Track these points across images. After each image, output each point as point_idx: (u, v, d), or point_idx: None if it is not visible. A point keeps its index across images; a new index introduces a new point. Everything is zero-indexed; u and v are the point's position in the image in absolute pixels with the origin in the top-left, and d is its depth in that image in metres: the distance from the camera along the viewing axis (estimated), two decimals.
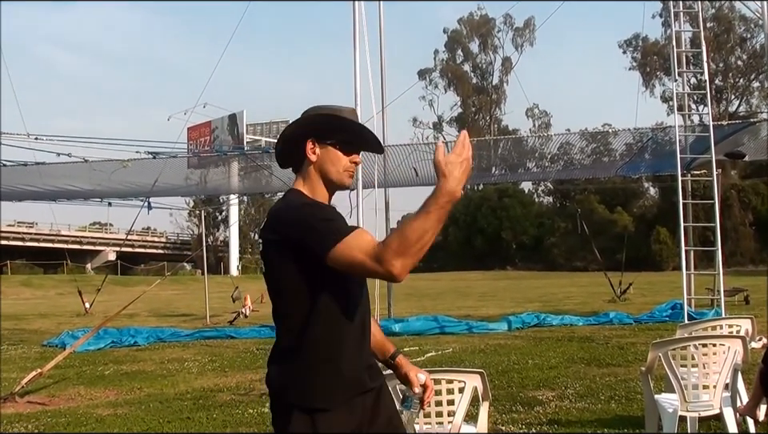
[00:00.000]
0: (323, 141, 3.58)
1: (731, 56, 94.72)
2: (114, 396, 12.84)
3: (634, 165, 27.88)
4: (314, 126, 3.61)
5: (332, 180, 3.60)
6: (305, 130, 3.62)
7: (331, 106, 3.69)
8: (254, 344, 19.60)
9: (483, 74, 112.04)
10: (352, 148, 3.62)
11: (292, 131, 3.67)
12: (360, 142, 3.68)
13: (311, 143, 3.59)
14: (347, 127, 3.60)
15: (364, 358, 3.57)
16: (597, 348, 16.29)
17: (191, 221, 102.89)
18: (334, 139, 3.58)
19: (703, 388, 7.00)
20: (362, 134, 3.68)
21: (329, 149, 3.58)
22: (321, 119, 3.61)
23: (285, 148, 3.72)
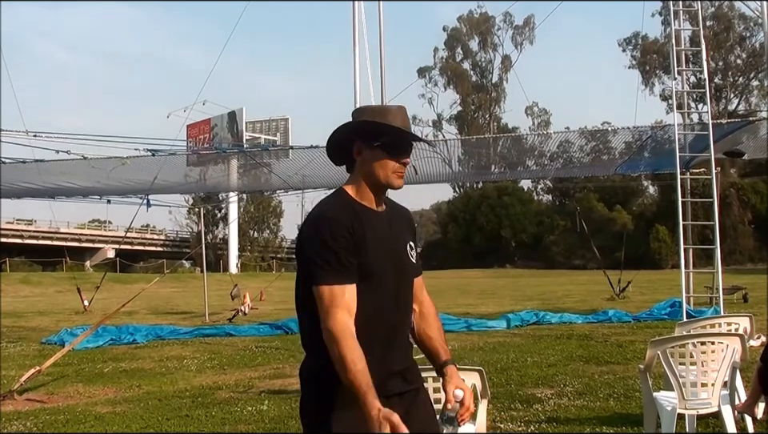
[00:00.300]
0: (369, 144, 3.61)
1: (731, 54, 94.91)
2: (112, 394, 12.84)
3: (633, 163, 27.85)
4: (361, 132, 3.65)
5: (379, 182, 3.63)
6: (351, 136, 3.67)
7: (379, 107, 3.84)
8: (253, 342, 19.63)
9: (483, 72, 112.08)
10: (399, 150, 3.63)
11: (339, 136, 3.72)
12: (405, 144, 3.68)
13: (358, 146, 3.64)
14: (392, 131, 3.61)
15: (387, 363, 3.56)
16: (596, 346, 16.31)
17: (190, 219, 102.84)
18: (379, 142, 3.60)
19: (701, 386, 7.01)
20: (405, 138, 3.68)
21: (375, 151, 3.61)
22: (366, 124, 3.64)
23: (335, 151, 3.80)
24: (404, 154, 3.63)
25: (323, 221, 3.52)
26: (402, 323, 3.67)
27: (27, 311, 34.59)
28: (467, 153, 26.44)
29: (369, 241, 3.53)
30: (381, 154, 3.59)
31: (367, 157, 3.62)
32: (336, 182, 25.76)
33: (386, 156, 3.59)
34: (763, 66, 72.62)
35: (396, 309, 3.62)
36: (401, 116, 3.67)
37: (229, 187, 33.83)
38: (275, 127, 69.60)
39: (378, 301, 3.52)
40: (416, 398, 3.68)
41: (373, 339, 3.47)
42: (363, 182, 3.65)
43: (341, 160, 3.79)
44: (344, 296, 3.40)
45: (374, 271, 3.53)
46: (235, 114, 68.77)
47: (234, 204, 78.37)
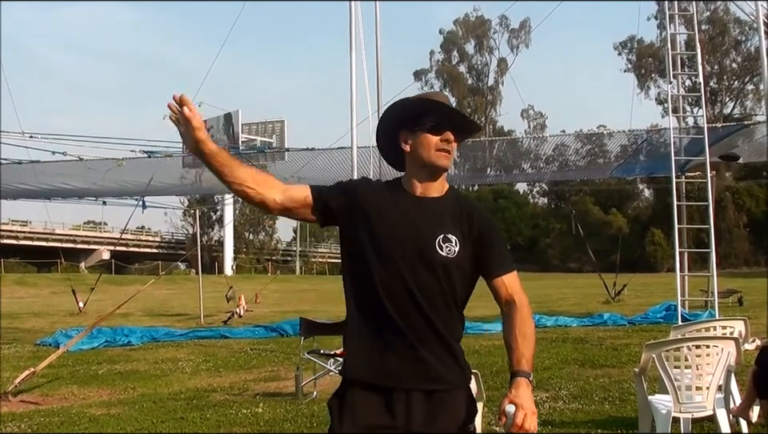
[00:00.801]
0: (412, 129, 3.66)
1: (726, 58, 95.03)
2: (107, 396, 12.83)
3: (628, 167, 27.91)
4: (400, 118, 3.71)
5: (426, 163, 3.65)
6: (393, 125, 3.74)
7: (419, 95, 3.80)
8: (248, 344, 19.61)
9: (479, 75, 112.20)
10: (442, 127, 3.64)
11: (381, 131, 3.82)
12: (450, 121, 3.68)
13: (404, 136, 3.69)
14: (432, 108, 3.64)
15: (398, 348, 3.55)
16: (591, 349, 16.31)
17: (186, 220, 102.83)
18: (421, 124, 3.63)
19: (696, 389, 7.03)
20: (450, 113, 3.70)
21: (418, 135, 3.64)
22: (402, 109, 3.70)
23: (387, 154, 3.88)
24: (444, 129, 3.63)
25: (356, 179, 3.84)
26: (416, 310, 3.57)
27: (22, 313, 34.51)
28: (463, 156, 26.45)
29: (382, 221, 3.59)
30: (423, 134, 3.63)
31: (413, 143, 3.66)
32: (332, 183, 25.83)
33: (428, 134, 3.62)
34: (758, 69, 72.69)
35: (408, 293, 3.56)
36: (442, 96, 3.76)
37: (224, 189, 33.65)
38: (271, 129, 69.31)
39: (383, 279, 3.55)
40: (445, 400, 3.59)
41: (375, 317, 3.55)
42: (413, 169, 3.70)
43: (396, 161, 3.85)
44: (299, 186, 3.73)
45: (374, 238, 3.57)
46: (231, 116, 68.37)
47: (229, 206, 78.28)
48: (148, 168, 23.23)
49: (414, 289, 3.56)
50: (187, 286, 55.07)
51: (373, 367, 3.51)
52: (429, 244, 3.61)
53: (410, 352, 3.55)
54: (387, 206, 3.61)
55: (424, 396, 3.53)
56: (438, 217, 3.68)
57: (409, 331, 3.55)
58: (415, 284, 3.57)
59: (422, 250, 3.60)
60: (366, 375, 3.52)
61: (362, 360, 3.54)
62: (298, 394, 11.73)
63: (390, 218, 3.59)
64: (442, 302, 3.64)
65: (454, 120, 3.70)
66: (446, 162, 3.66)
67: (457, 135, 3.69)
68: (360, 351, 3.56)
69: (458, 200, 3.80)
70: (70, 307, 34.68)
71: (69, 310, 34.20)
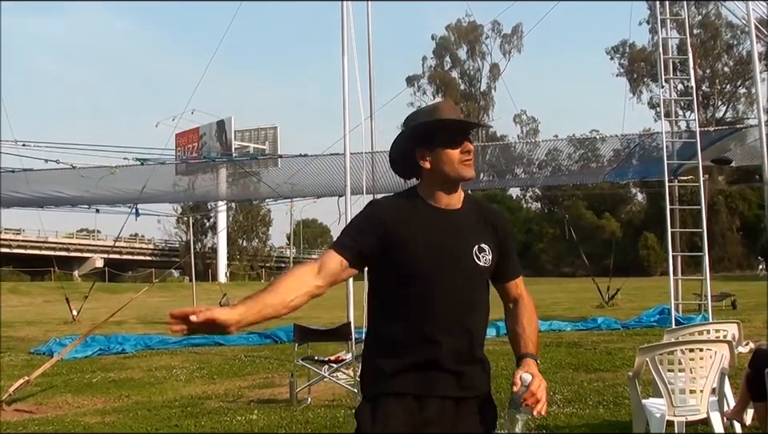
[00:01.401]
0: (430, 146, 3.65)
1: (718, 62, 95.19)
2: (101, 404, 12.80)
3: (621, 171, 27.91)
4: (416, 138, 3.69)
5: (452, 178, 3.66)
6: (409, 144, 3.72)
7: (427, 108, 3.82)
8: (242, 351, 19.59)
9: (471, 81, 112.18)
10: (459, 140, 3.66)
11: (398, 150, 3.81)
12: (462, 132, 3.70)
13: (421, 153, 3.67)
14: (446, 126, 3.64)
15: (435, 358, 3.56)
16: (585, 354, 16.33)
17: (179, 228, 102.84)
18: (438, 141, 3.63)
19: (690, 393, 7.04)
20: (461, 127, 3.73)
21: (438, 151, 3.64)
22: (419, 130, 3.68)
23: (400, 166, 3.86)
24: (464, 142, 3.65)
25: (368, 205, 3.78)
26: (461, 322, 3.62)
27: (15, 321, 34.43)
28: None
29: (414, 235, 3.58)
30: (443, 150, 3.62)
31: (433, 159, 3.65)
32: (326, 190, 25.85)
33: (449, 149, 3.62)
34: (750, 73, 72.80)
35: (444, 307, 3.57)
36: (448, 108, 3.74)
37: (218, 196, 33.82)
38: (264, 136, 69.58)
39: (422, 293, 3.55)
40: (473, 407, 3.67)
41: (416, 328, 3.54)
42: (433, 183, 3.69)
43: (409, 173, 3.82)
44: (330, 257, 3.57)
45: (415, 265, 3.55)
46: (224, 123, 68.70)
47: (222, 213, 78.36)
48: (141, 176, 23.20)
49: (456, 303, 3.60)
50: (181, 293, 55.11)
51: (410, 378, 3.52)
52: (467, 256, 3.66)
53: (450, 365, 3.59)
54: (419, 224, 3.61)
55: (454, 404, 3.59)
56: (469, 228, 3.73)
57: (449, 345, 3.58)
58: (457, 298, 3.61)
59: (461, 263, 3.64)
60: (400, 387, 3.52)
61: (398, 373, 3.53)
62: (293, 401, 11.72)
63: (425, 236, 3.59)
64: (479, 311, 3.72)
65: (468, 128, 3.76)
66: (472, 172, 3.69)
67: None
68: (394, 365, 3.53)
69: (479, 207, 3.87)
70: (63, 316, 34.63)
71: (62, 318, 34.16)
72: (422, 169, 3.68)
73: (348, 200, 16.38)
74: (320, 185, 25.20)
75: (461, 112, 3.91)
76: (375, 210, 3.68)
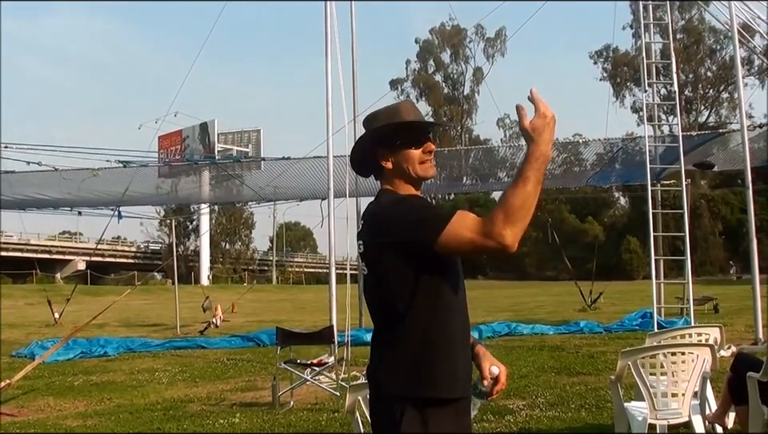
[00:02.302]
0: (391, 146, 3.65)
1: (701, 67, 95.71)
2: (83, 407, 12.77)
3: (604, 175, 27.98)
4: (378, 139, 3.69)
5: (413, 177, 3.66)
6: (371, 145, 3.72)
7: (386, 109, 3.78)
8: (224, 354, 19.56)
9: (455, 84, 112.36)
10: (420, 140, 3.66)
11: (360, 150, 3.81)
12: (423, 133, 3.71)
13: (382, 153, 3.67)
14: (406, 126, 3.66)
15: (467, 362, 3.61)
16: (567, 357, 16.36)
17: (162, 230, 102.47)
18: (400, 142, 3.64)
19: (672, 396, 7.05)
20: (422, 126, 3.74)
21: (399, 152, 3.64)
22: (380, 131, 3.68)
23: (361, 166, 3.86)
24: (425, 143, 3.65)
25: (402, 196, 3.61)
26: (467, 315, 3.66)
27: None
28: (439, 165, 26.46)
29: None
30: (404, 150, 3.63)
31: (394, 159, 3.65)
32: (309, 193, 25.82)
33: (410, 150, 3.63)
34: (733, 78, 73.10)
35: (465, 297, 3.62)
36: (409, 109, 3.75)
37: (200, 199, 33.76)
38: (247, 139, 69.37)
39: (456, 286, 3.54)
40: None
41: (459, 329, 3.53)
42: (399, 182, 3.68)
43: (369, 172, 3.82)
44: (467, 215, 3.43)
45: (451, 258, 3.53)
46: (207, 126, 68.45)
47: (205, 216, 78.37)
48: (123, 178, 23.15)
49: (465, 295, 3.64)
50: (163, 296, 54.92)
51: (460, 381, 3.48)
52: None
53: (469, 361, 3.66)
54: None
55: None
56: None
57: (467, 338, 3.63)
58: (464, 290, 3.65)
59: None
60: (447, 392, 3.44)
61: (452, 375, 3.46)
62: (275, 404, 11.71)
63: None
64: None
65: (429, 129, 3.75)
66: (433, 171, 3.71)
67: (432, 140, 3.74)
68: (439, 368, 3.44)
69: None
70: (45, 318, 34.54)
71: (44, 321, 34.07)
72: (384, 169, 3.69)
73: (331, 203, 16.39)
74: (303, 188, 25.18)
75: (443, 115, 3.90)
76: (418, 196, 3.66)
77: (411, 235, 3.35)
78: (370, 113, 3.80)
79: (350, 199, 17.39)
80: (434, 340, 3.42)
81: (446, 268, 3.48)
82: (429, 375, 3.39)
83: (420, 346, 3.41)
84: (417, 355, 3.41)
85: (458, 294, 3.52)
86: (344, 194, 16.90)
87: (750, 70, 72.90)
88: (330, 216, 16.60)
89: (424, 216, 3.39)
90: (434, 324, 3.42)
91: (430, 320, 3.42)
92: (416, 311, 3.40)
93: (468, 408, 3.53)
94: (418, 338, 3.41)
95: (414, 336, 3.42)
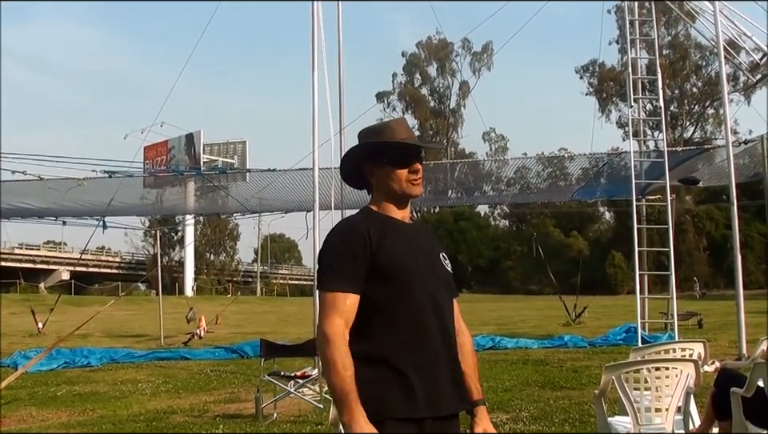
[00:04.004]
0: (379, 163, 3.68)
1: (687, 83, 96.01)
2: (66, 418, 12.73)
3: (589, 189, 28.02)
4: (366, 153, 3.73)
5: (398, 194, 3.68)
6: (360, 159, 3.76)
7: (378, 125, 3.84)
8: (208, 366, 19.53)
9: (441, 98, 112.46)
10: (407, 160, 3.67)
11: (348, 164, 3.84)
12: (411, 152, 3.72)
13: (369, 168, 3.72)
14: (393, 145, 3.66)
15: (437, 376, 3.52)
16: (551, 371, 16.37)
17: (146, 241, 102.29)
18: (386, 158, 3.66)
19: (656, 411, 7.05)
20: (409, 146, 3.73)
21: (385, 168, 3.67)
22: (368, 146, 3.72)
23: (351, 178, 3.89)
24: (412, 163, 3.67)
25: (338, 229, 3.64)
26: (447, 329, 3.62)
27: None
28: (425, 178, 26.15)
29: (394, 245, 3.55)
30: (390, 169, 3.65)
31: (380, 175, 3.69)
32: (294, 205, 25.81)
33: (396, 169, 3.64)
34: (718, 94, 73.40)
35: (435, 315, 3.56)
36: (401, 128, 3.74)
37: (186, 210, 33.71)
38: (233, 150, 69.38)
39: (417, 304, 3.51)
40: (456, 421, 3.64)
41: (419, 345, 3.48)
42: (384, 198, 3.71)
43: (359, 185, 3.86)
44: (344, 303, 3.43)
45: (406, 273, 3.52)
46: (193, 137, 68.41)
47: (190, 227, 78.13)
48: (109, 188, 23.07)
49: (441, 308, 3.61)
50: (147, 307, 54.73)
51: (412, 401, 3.40)
52: (439, 261, 3.72)
53: (447, 376, 3.57)
54: (393, 236, 3.58)
55: (448, 421, 3.55)
56: (428, 238, 3.83)
57: (443, 353, 3.57)
58: (442, 303, 3.64)
59: (436, 269, 3.69)
60: (403, 412, 3.39)
61: (399, 395, 3.40)
62: (258, 416, 11.69)
63: (402, 245, 3.59)
64: (452, 316, 3.73)
65: (415, 151, 3.75)
66: (419, 190, 3.72)
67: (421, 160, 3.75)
68: (396, 385, 3.40)
69: (423, 226, 4.00)
70: (28, 328, 34.43)
71: (28, 330, 33.96)
72: (371, 183, 3.74)
73: (316, 215, 16.36)
74: (288, 200, 25.16)
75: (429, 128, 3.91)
76: (354, 231, 3.55)
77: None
78: (365, 127, 3.82)
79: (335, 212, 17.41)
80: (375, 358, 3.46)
81: (391, 287, 3.52)
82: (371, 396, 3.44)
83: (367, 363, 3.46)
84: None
85: (408, 310, 3.52)
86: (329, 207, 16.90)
87: (736, 86, 73.05)
88: (315, 228, 16.57)
89: (324, 267, 3.56)
90: (375, 342, 3.49)
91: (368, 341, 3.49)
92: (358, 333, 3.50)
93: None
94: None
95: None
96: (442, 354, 3.54)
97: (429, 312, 3.53)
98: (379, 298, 3.47)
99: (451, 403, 3.55)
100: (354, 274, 3.45)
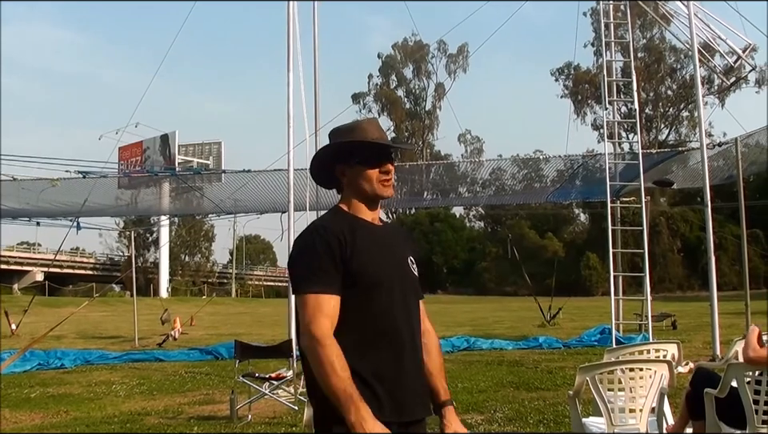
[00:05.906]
0: (349, 163, 3.66)
1: (661, 86, 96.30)
2: (39, 419, 12.65)
3: (564, 191, 28.11)
4: (337, 153, 3.70)
5: (368, 195, 3.67)
6: (329, 158, 3.74)
7: (350, 125, 3.79)
8: (182, 367, 19.46)
9: (416, 100, 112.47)
10: (378, 160, 3.66)
11: (319, 163, 3.81)
12: (383, 153, 3.70)
13: (340, 168, 3.70)
14: (364, 145, 3.64)
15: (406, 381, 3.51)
16: (526, 372, 16.39)
17: (121, 242, 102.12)
18: (357, 158, 3.64)
19: (630, 412, 7.06)
20: (380, 147, 3.71)
21: (356, 168, 3.65)
22: (339, 146, 3.69)
23: (320, 177, 3.87)
24: (384, 163, 3.65)
25: (312, 230, 3.57)
26: (414, 335, 3.61)
27: None
28: (400, 179, 26.48)
29: (366, 247, 3.52)
30: (362, 169, 3.63)
31: (351, 175, 3.66)
32: (269, 206, 25.80)
33: (368, 169, 3.63)
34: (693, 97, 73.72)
35: (406, 319, 3.57)
36: (372, 128, 3.72)
37: (160, 211, 33.66)
38: (208, 151, 69.15)
39: (386, 309, 3.50)
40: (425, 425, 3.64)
41: (386, 351, 3.46)
42: (355, 198, 3.69)
43: (329, 184, 3.83)
44: (329, 305, 3.39)
45: (376, 277, 3.51)
46: (168, 137, 68.16)
47: (165, 228, 77.95)
48: (83, 189, 23.00)
49: (409, 314, 3.62)
50: (122, 308, 54.59)
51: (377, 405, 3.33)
52: (406, 266, 3.71)
53: (417, 381, 3.59)
54: (364, 237, 3.56)
55: (414, 425, 3.55)
56: (397, 240, 3.81)
57: (410, 359, 3.56)
58: (411, 307, 3.65)
59: (404, 272, 3.68)
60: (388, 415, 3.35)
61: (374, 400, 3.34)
62: (233, 417, 11.66)
63: (372, 247, 3.56)
64: (419, 321, 3.72)
65: (386, 151, 3.73)
66: (390, 191, 3.70)
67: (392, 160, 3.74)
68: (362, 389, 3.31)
69: (394, 226, 4.00)
70: (2, 330, 34.23)
71: (1, 332, 33.76)
72: (341, 183, 3.72)
73: (291, 216, 16.35)
74: (263, 201, 25.16)
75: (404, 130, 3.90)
76: (331, 234, 3.50)
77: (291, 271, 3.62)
78: (335, 126, 3.81)
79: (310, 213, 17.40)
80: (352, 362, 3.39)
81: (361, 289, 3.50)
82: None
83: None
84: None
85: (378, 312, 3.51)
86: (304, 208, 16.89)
87: (710, 89, 73.44)
88: (290, 229, 16.55)
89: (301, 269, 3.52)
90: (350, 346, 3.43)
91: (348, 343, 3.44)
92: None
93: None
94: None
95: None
96: (409, 360, 3.53)
97: (397, 317, 3.53)
98: (348, 301, 3.45)
99: (417, 409, 3.55)
100: (334, 276, 3.43)
